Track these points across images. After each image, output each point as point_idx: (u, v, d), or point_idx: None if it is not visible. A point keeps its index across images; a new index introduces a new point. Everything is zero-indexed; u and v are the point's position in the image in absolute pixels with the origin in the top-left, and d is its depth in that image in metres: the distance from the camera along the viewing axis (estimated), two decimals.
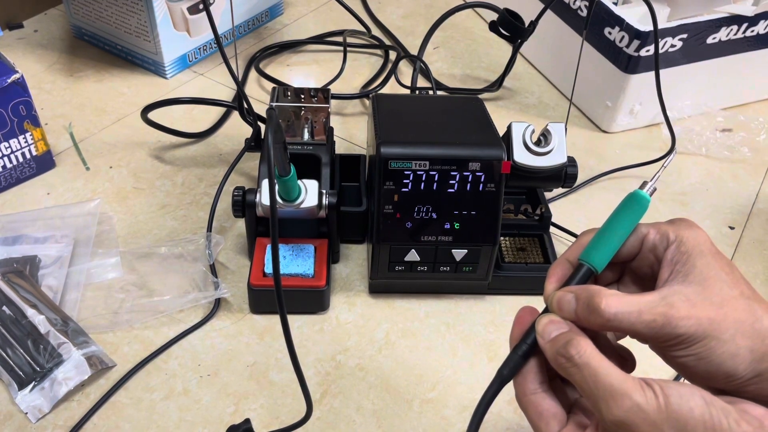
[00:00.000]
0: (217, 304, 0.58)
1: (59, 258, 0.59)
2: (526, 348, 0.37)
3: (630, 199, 0.37)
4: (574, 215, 0.69)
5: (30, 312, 0.53)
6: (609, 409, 0.31)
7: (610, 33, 0.73)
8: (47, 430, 0.49)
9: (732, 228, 0.69)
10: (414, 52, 0.89)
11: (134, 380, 0.53)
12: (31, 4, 0.93)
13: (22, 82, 0.63)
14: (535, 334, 0.36)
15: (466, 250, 0.56)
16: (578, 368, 0.33)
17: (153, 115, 0.71)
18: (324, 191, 0.57)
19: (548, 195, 0.68)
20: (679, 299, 0.33)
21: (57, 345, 0.52)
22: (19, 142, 0.66)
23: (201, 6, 0.81)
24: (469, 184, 0.54)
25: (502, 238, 0.62)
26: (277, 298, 0.38)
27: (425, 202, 0.54)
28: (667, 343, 0.34)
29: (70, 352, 0.51)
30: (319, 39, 0.92)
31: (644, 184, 0.37)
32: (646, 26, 0.70)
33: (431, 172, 0.53)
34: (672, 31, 0.71)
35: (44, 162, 0.69)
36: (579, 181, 0.71)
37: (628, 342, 0.38)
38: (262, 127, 0.67)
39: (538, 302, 0.63)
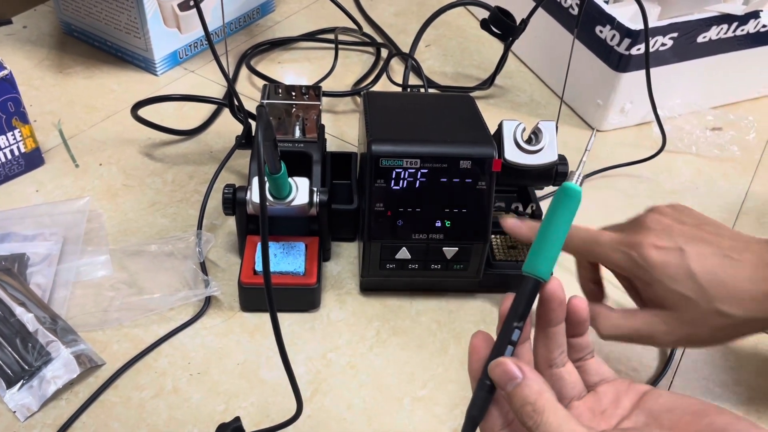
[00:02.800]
0: (208, 302, 0.58)
1: (48, 256, 0.59)
2: (489, 383, 0.35)
3: (560, 194, 0.36)
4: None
5: (18, 310, 0.53)
6: None
7: (601, 31, 0.74)
8: (36, 428, 0.49)
9: None
10: (406, 49, 0.89)
11: (124, 378, 0.52)
12: (20, 0, 0.92)
13: (10, 78, 0.63)
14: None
15: (457, 248, 0.56)
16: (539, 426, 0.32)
17: (143, 112, 0.71)
18: (315, 189, 0.57)
19: (539, 193, 0.68)
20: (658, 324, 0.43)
21: (46, 343, 0.51)
22: (7, 139, 0.65)
23: (192, 2, 0.81)
24: (460, 182, 0.54)
25: (493, 236, 0.62)
26: (267, 296, 0.38)
27: (416, 199, 0.54)
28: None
29: (58, 351, 0.51)
30: (311, 36, 0.91)
31: (571, 174, 0.36)
32: (637, 25, 0.70)
33: (422, 170, 0.53)
34: (662, 30, 0.72)
35: (33, 159, 0.69)
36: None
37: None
38: (253, 124, 0.67)
39: None
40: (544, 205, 0.66)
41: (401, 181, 0.54)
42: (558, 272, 0.37)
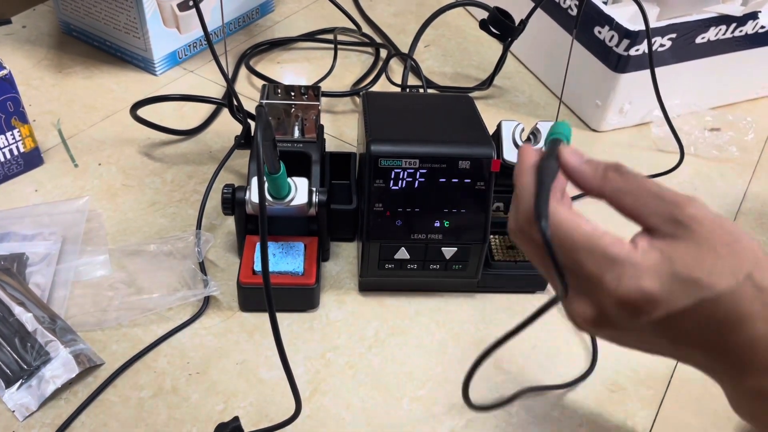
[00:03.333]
0: (207, 302, 0.58)
1: (47, 255, 0.59)
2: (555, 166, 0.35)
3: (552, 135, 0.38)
4: None
5: (17, 310, 0.53)
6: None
7: (600, 32, 0.74)
8: (35, 428, 0.49)
9: None
10: (405, 50, 0.89)
11: (123, 378, 0.52)
12: None
13: (9, 78, 0.63)
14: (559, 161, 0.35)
15: (455, 248, 0.56)
16: (629, 178, 0.34)
17: (142, 112, 0.71)
18: (314, 189, 0.57)
19: None
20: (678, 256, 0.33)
21: (45, 343, 0.51)
22: (6, 139, 0.65)
23: (191, 3, 0.81)
24: (459, 183, 0.54)
25: (491, 236, 0.62)
26: (266, 296, 0.38)
27: (415, 200, 0.54)
28: None
29: (57, 350, 0.51)
30: (310, 36, 0.91)
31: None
32: (636, 26, 0.70)
33: (421, 170, 0.53)
34: (661, 31, 0.72)
35: (32, 159, 0.69)
36: (572, 188, 0.71)
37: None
38: (252, 124, 0.67)
39: (529, 300, 0.64)
40: None
41: (400, 182, 0.54)
42: None
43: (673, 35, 0.73)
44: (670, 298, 0.32)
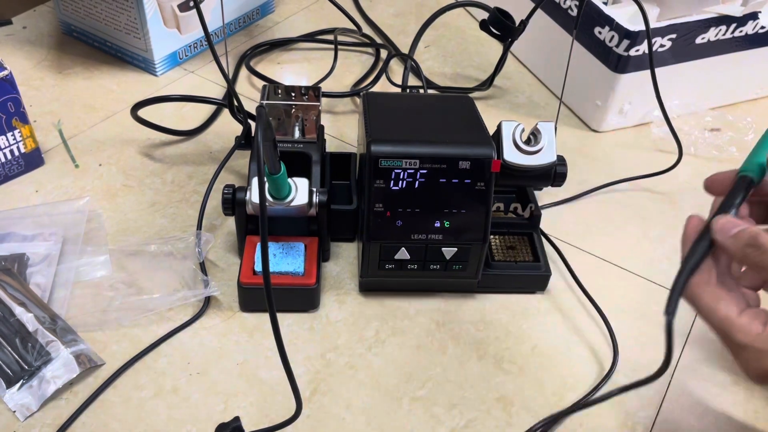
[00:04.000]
0: (207, 303, 0.58)
1: (48, 256, 0.59)
2: (708, 240, 0.38)
3: None
4: (569, 224, 0.69)
5: (18, 310, 0.53)
6: None
7: (600, 33, 0.74)
8: (35, 428, 0.49)
9: None
10: (405, 50, 0.89)
11: (123, 378, 0.52)
12: (20, 0, 0.92)
13: (10, 78, 0.63)
14: (711, 235, 0.38)
15: (456, 249, 0.56)
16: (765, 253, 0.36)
17: (143, 113, 0.71)
18: (314, 189, 0.57)
19: (542, 202, 0.68)
20: None
21: (45, 343, 0.52)
22: (7, 140, 0.65)
23: (191, 3, 0.81)
24: (459, 183, 0.54)
25: (491, 236, 0.62)
26: (266, 297, 0.38)
27: (415, 200, 0.54)
28: None
29: (58, 351, 0.51)
30: (310, 37, 0.92)
31: None
32: (636, 26, 0.70)
33: (421, 171, 0.53)
34: (661, 31, 0.72)
35: (33, 159, 0.69)
36: (573, 188, 0.71)
37: None
38: (253, 125, 0.67)
39: (529, 300, 0.64)
40: (542, 206, 0.66)
41: (400, 182, 0.54)
42: None
43: (673, 36, 0.73)
44: None
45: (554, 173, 0.60)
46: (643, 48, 0.71)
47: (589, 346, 0.57)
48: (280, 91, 0.64)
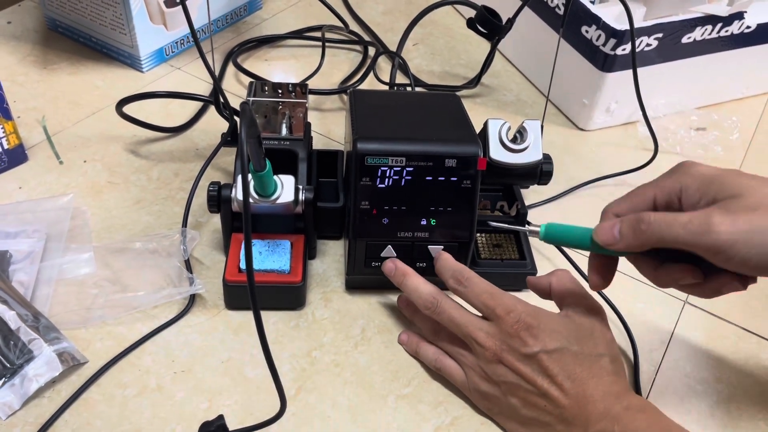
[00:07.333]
0: (192, 300, 0.58)
1: (31, 253, 0.58)
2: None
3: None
4: (555, 221, 0.69)
5: (0, 308, 0.53)
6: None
7: (587, 31, 0.74)
8: (17, 427, 0.48)
9: None
10: (393, 48, 0.89)
11: (107, 376, 0.52)
12: None
13: None
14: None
15: (442, 247, 0.56)
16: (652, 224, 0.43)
17: (128, 109, 0.70)
18: (300, 187, 0.57)
19: (528, 201, 0.68)
20: (717, 212, 0.40)
21: (28, 341, 0.51)
22: None
23: None
24: (445, 181, 0.54)
25: (478, 234, 0.62)
26: (250, 294, 0.38)
27: (402, 198, 0.54)
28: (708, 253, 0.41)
29: (41, 348, 0.51)
30: (298, 34, 0.91)
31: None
32: (623, 25, 0.70)
33: (408, 168, 0.53)
34: (647, 31, 0.72)
35: (16, 155, 0.68)
36: (559, 186, 0.71)
37: None
38: (239, 121, 0.67)
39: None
40: (529, 205, 0.66)
41: (387, 180, 0.54)
42: None
43: (660, 35, 0.73)
44: None
45: (540, 171, 0.60)
46: (630, 47, 0.72)
47: None
48: (267, 88, 0.64)
